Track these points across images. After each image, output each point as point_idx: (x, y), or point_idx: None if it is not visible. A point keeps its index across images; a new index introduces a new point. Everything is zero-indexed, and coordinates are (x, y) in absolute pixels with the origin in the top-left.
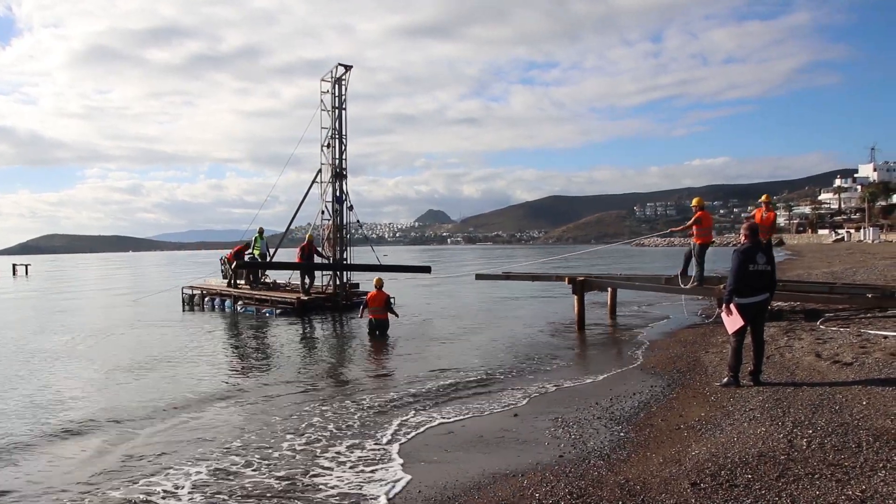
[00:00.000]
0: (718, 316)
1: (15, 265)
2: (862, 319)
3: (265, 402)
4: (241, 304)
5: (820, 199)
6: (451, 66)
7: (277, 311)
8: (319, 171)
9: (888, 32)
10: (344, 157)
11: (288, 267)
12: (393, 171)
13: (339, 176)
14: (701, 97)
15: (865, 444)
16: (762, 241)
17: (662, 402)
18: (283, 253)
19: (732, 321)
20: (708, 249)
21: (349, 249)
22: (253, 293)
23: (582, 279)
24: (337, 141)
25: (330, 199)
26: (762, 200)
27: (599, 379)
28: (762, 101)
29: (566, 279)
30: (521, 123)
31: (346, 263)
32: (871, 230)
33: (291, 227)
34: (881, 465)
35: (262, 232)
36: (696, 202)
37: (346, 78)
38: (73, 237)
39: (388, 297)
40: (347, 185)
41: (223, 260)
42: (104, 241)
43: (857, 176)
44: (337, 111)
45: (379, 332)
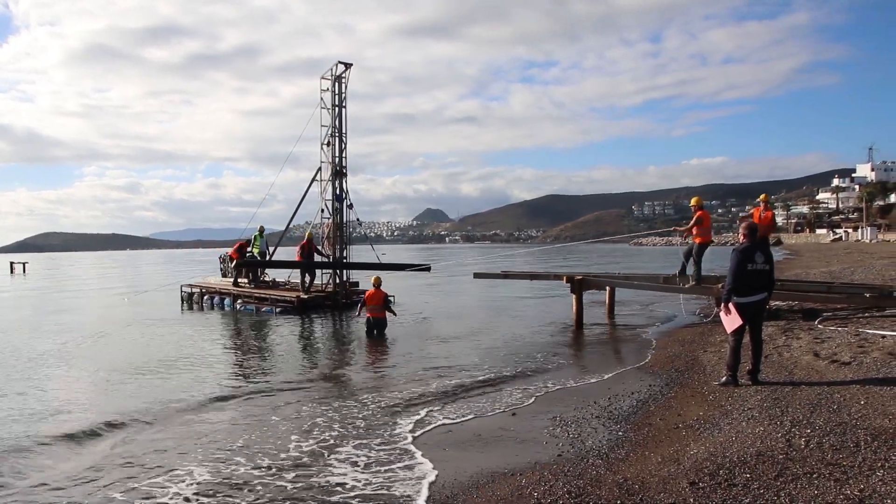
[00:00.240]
0: (717, 315)
1: (13, 263)
2: (860, 319)
3: (266, 403)
4: (240, 302)
5: (818, 198)
6: (450, 65)
7: (277, 309)
8: (319, 169)
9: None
10: (344, 155)
11: (288, 265)
12: (391, 170)
13: (339, 174)
14: (700, 97)
15: (864, 443)
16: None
17: (661, 401)
18: (282, 251)
19: (731, 320)
20: (707, 249)
21: (349, 248)
22: (252, 291)
23: (580, 278)
24: (337, 139)
25: (330, 197)
26: (760, 200)
27: (598, 378)
28: (761, 101)
29: (564, 278)
30: (520, 123)
31: (345, 262)
32: (868, 230)
33: (290, 225)
34: (879, 464)
35: (262, 230)
36: (695, 202)
37: (346, 76)
38: (70, 235)
39: (385, 295)
40: (347, 183)
41: (222, 258)
42: (102, 239)
43: (854, 176)
44: (337, 109)
45: (377, 331)
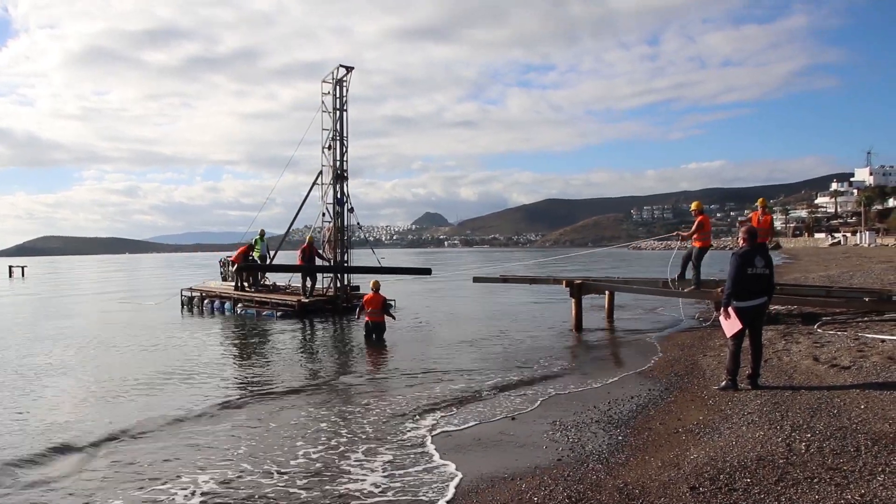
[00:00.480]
0: (716, 319)
1: (11, 267)
2: (859, 323)
3: (268, 409)
4: (240, 306)
5: (816, 202)
6: (448, 68)
7: (278, 313)
8: (320, 172)
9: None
10: (345, 158)
11: (290, 269)
12: (390, 173)
13: (340, 178)
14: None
15: (864, 447)
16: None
17: (660, 405)
18: (282, 255)
19: (730, 324)
20: (706, 253)
21: (350, 252)
22: (253, 295)
23: (579, 282)
24: (338, 143)
25: (331, 201)
26: (758, 204)
27: (597, 383)
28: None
29: (563, 282)
30: (518, 126)
31: (347, 266)
32: (867, 234)
33: (290, 229)
34: (880, 468)
35: (262, 234)
36: (695, 206)
37: (347, 79)
38: (69, 239)
39: (384, 299)
40: (348, 186)
41: (223, 262)
42: (101, 242)
43: (853, 180)
44: (338, 113)
45: (376, 335)
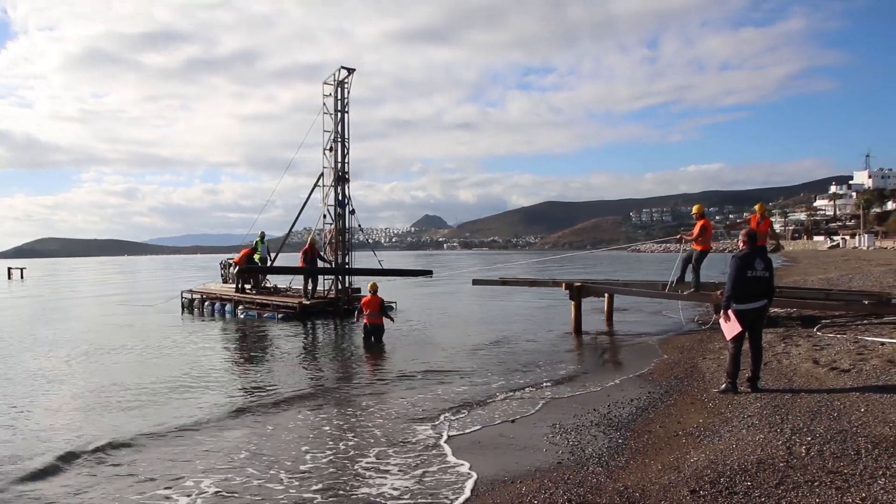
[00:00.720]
0: (715, 322)
1: (10, 269)
2: (858, 326)
3: (270, 414)
4: (241, 308)
5: (815, 205)
6: (448, 70)
7: (279, 315)
8: (321, 174)
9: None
10: (346, 160)
11: (292, 271)
12: (389, 176)
13: (341, 179)
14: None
15: (864, 451)
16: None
17: (660, 408)
18: (282, 257)
19: (730, 327)
20: (706, 257)
21: (351, 254)
22: (254, 298)
23: (579, 285)
24: (339, 144)
25: (332, 203)
26: (756, 208)
27: (597, 386)
28: (757, 107)
29: (563, 285)
30: (517, 129)
31: (348, 268)
32: (866, 237)
33: (291, 231)
34: (881, 472)
35: (263, 236)
36: (697, 209)
37: (348, 81)
38: (68, 241)
39: (382, 300)
40: (349, 189)
41: (223, 264)
42: (99, 244)
43: (852, 183)
44: (339, 114)
45: (374, 337)
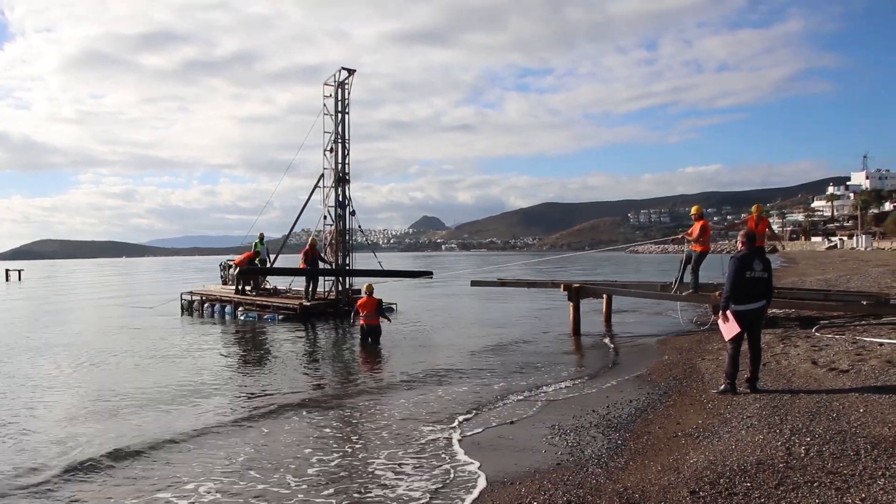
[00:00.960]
0: (714, 323)
1: (8, 270)
2: (857, 327)
3: (272, 417)
4: (241, 310)
5: (813, 206)
6: (446, 72)
7: (279, 316)
8: (322, 175)
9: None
10: (347, 161)
11: (293, 273)
12: (387, 177)
13: (342, 181)
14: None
15: (864, 451)
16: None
17: (659, 409)
18: (282, 259)
19: (729, 328)
20: (706, 258)
21: (351, 255)
22: (254, 299)
23: (577, 286)
24: (339, 145)
25: (332, 204)
26: (753, 210)
27: (595, 387)
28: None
29: (562, 286)
30: (515, 130)
31: (349, 269)
32: (863, 238)
33: (291, 232)
34: (880, 472)
35: (262, 237)
36: (695, 210)
37: (349, 82)
38: (66, 242)
39: (379, 301)
40: (350, 190)
41: (223, 265)
42: (97, 246)
43: (849, 184)
44: (340, 115)
45: (372, 338)
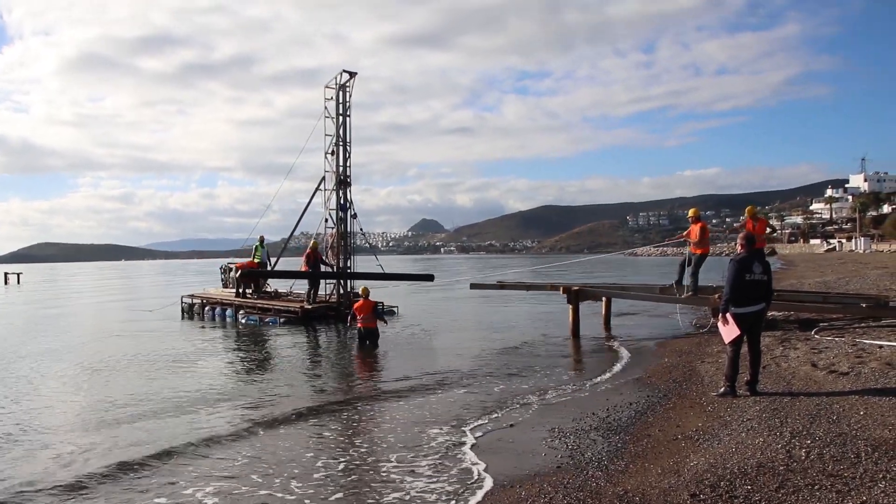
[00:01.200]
0: (713, 325)
1: (7, 274)
2: (856, 329)
3: (272, 422)
4: (242, 313)
5: (811, 209)
6: (444, 75)
7: (281, 320)
8: (323, 178)
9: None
10: (348, 164)
11: (295, 276)
12: (386, 180)
13: (343, 183)
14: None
15: (864, 454)
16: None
17: (659, 412)
18: (283, 262)
19: (728, 331)
20: (705, 260)
21: (353, 258)
22: (255, 302)
23: (576, 289)
24: (341, 148)
25: (334, 207)
26: (746, 212)
27: (595, 389)
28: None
29: (561, 289)
30: (513, 133)
31: (350, 272)
32: (862, 240)
33: (292, 235)
34: (881, 475)
35: (262, 240)
36: (692, 213)
37: (350, 85)
38: (65, 246)
39: (375, 304)
40: (351, 193)
41: (224, 269)
42: (96, 249)
43: (847, 186)
44: (341, 118)
45: (369, 341)
